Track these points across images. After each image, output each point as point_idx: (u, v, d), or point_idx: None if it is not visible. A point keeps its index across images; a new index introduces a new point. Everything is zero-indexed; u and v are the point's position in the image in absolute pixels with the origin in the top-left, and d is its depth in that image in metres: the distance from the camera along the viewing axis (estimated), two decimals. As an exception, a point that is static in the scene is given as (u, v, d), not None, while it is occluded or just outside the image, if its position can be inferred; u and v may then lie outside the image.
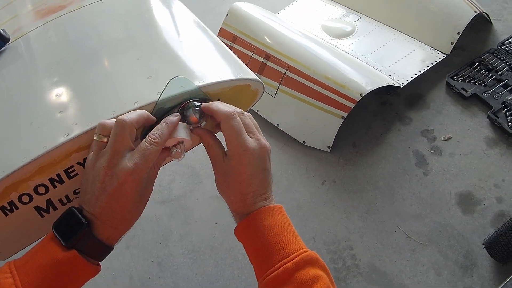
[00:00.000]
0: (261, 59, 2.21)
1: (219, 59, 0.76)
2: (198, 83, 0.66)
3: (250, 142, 0.64)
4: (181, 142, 0.63)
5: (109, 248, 0.61)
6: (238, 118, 0.64)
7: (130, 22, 0.91)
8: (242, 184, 0.66)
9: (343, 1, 2.67)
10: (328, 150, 2.03)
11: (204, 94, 0.66)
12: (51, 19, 0.98)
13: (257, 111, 2.21)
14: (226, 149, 0.67)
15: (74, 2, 1.03)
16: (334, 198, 1.88)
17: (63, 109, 0.67)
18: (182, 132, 0.62)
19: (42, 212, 0.66)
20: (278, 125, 2.15)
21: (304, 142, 2.08)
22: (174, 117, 0.63)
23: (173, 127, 0.62)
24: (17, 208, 0.62)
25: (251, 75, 0.74)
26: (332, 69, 2.00)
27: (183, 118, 0.65)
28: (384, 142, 2.03)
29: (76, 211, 0.56)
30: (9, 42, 0.96)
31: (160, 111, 0.64)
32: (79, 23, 0.95)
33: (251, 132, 0.65)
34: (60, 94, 0.71)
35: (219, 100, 0.68)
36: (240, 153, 0.64)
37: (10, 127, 0.68)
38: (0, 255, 0.68)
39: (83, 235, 0.56)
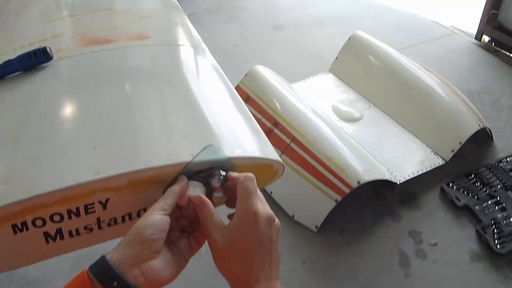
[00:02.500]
0: (269, 125, 2.33)
1: (249, 133, 0.84)
2: (228, 154, 0.71)
3: (261, 208, 0.66)
4: (190, 199, 0.68)
5: None
6: (255, 182, 0.68)
7: (172, 74, 0.99)
8: (246, 255, 0.64)
9: (356, 87, 2.86)
10: (315, 230, 2.09)
11: (231, 165, 0.73)
12: (97, 50, 1.05)
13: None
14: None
15: (120, 40, 1.11)
16: (312, 281, 1.91)
17: (98, 145, 0.72)
18: (192, 191, 0.68)
19: (49, 238, 0.69)
20: (271, 193, 2.22)
21: (293, 216, 2.14)
22: (178, 187, 0.67)
23: (177, 197, 0.67)
24: (27, 229, 0.66)
25: (276, 156, 0.81)
26: (335, 151, 2.11)
27: (205, 183, 0.71)
28: (371, 234, 2.09)
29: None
30: (51, 60, 1.00)
31: (187, 172, 0.70)
32: (123, 63, 1.03)
33: (261, 201, 0.68)
34: (96, 129, 0.76)
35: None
36: (249, 218, 0.64)
37: (42, 149, 0.72)
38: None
39: None
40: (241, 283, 0.64)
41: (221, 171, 0.70)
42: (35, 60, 0.99)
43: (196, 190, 0.69)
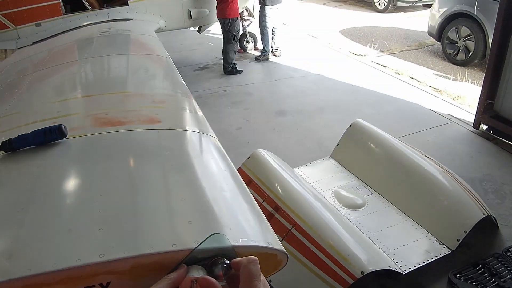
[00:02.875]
0: (270, 209, 2.32)
1: (254, 222, 0.85)
2: (233, 243, 0.72)
3: None
4: (194, 282, 0.67)
5: None
6: (259, 266, 0.68)
7: (181, 159, 1.02)
8: None
9: (358, 173, 2.89)
10: (317, 323, 1.99)
11: (235, 253, 0.73)
12: (110, 131, 1.10)
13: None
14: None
15: (132, 122, 1.17)
16: None
17: (104, 226, 0.73)
18: (195, 273, 0.67)
19: (46, 319, 0.70)
20: (270, 281, 2.14)
21: (293, 305, 2.05)
22: (174, 275, 0.66)
23: (174, 285, 0.65)
24: None
25: (280, 246, 0.82)
26: (338, 239, 2.08)
27: (209, 271, 0.70)
28: (377, 328, 1.98)
29: None
30: (66, 138, 1.04)
31: (192, 259, 0.70)
32: (134, 145, 1.07)
33: (264, 285, 0.67)
34: (103, 210, 0.77)
35: None
36: None
37: (48, 226, 0.73)
38: None
39: None
40: None
41: (225, 259, 0.70)
42: (50, 136, 1.03)
43: (199, 273, 0.69)
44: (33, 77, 1.79)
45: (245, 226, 0.81)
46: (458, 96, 4.64)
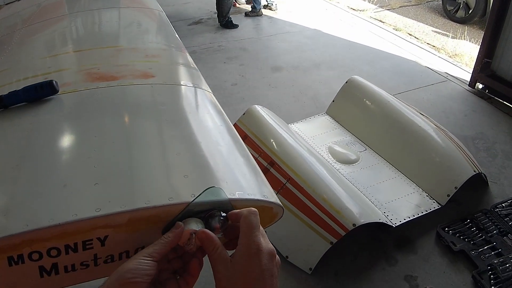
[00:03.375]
0: (265, 164, 2.34)
1: (249, 175, 0.85)
2: (229, 196, 0.72)
3: (263, 242, 0.66)
4: (192, 234, 0.69)
5: None
6: (258, 217, 0.69)
7: (175, 113, 1.01)
8: (249, 286, 0.64)
9: (352, 130, 2.90)
10: (309, 272, 2.06)
11: (232, 206, 0.72)
12: (102, 86, 1.08)
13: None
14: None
15: (125, 77, 1.14)
16: (305, 324, 1.87)
17: (100, 181, 0.71)
18: (193, 226, 0.69)
19: (44, 272, 0.68)
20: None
21: (287, 257, 2.12)
22: (171, 235, 0.67)
23: (169, 246, 0.67)
24: (23, 262, 0.65)
25: (276, 199, 0.82)
26: (331, 193, 2.12)
27: (206, 224, 0.71)
28: (367, 278, 2.07)
29: None
30: (57, 93, 1.02)
31: (188, 212, 0.71)
32: (127, 100, 1.05)
33: (263, 236, 0.69)
34: (98, 165, 0.77)
35: None
36: (252, 252, 0.65)
37: (43, 182, 0.73)
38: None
39: None
40: None
41: (221, 212, 0.71)
42: (41, 92, 1.00)
43: (198, 226, 0.69)
44: (22, 33, 1.73)
45: (241, 180, 0.81)
46: (456, 54, 4.59)
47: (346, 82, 3.06)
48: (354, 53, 4.51)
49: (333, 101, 3.11)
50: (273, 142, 2.43)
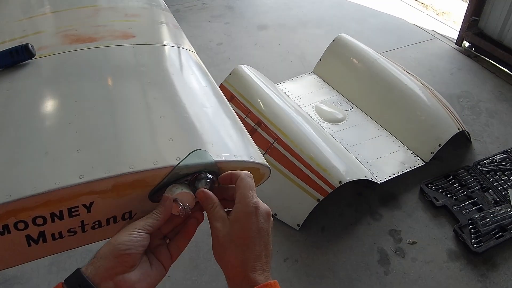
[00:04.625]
0: (252, 124, 2.33)
1: (236, 136, 0.82)
2: (215, 158, 0.71)
3: (259, 202, 0.68)
4: (175, 200, 0.68)
5: None
6: (253, 179, 0.71)
7: (158, 75, 0.97)
8: (245, 244, 0.65)
9: (339, 89, 2.88)
10: (297, 229, 2.10)
11: (218, 169, 0.71)
12: (81, 48, 1.02)
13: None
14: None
15: (104, 38, 1.09)
16: (293, 278, 1.93)
17: (81, 148, 0.69)
18: (179, 190, 0.68)
19: (31, 241, 0.67)
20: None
21: (275, 214, 2.15)
22: (162, 211, 0.67)
23: (161, 222, 0.67)
24: (9, 232, 0.64)
25: (263, 160, 0.81)
26: (318, 151, 2.13)
27: (193, 187, 0.70)
28: (352, 233, 2.12)
29: None
30: (33, 57, 0.97)
31: (174, 175, 0.68)
32: (108, 62, 1.00)
33: (257, 197, 0.70)
34: (80, 131, 0.74)
35: None
36: (248, 211, 0.66)
37: (24, 151, 0.70)
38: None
39: None
40: (237, 272, 0.65)
41: (207, 174, 0.70)
42: (17, 57, 0.95)
43: (183, 190, 0.68)
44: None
45: (227, 142, 0.79)
46: (444, 11, 4.51)
47: (334, 40, 3.01)
48: (341, 11, 4.40)
49: (320, 59, 3.07)
50: (260, 102, 2.40)
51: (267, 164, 0.80)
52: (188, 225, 0.72)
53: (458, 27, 3.72)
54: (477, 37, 3.50)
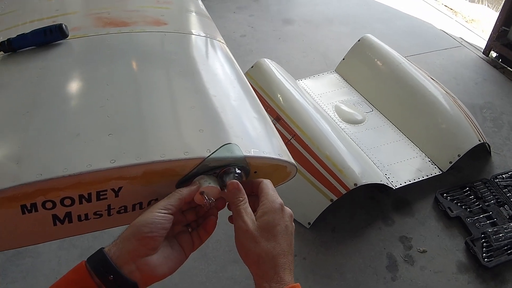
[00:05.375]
0: (271, 119, 2.31)
1: (265, 134, 0.82)
2: (245, 153, 0.71)
3: (283, 202, 0.69)
4: (202, 193, 0.68)
5: None
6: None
7: (189, 64, 0.97)
8: (275, 238, 0.65)
9: (360, 90, 2.85)
10: (308, 227, 2.11)
11: (247, 164, 0.72)
12: (113, 32, 1.02)
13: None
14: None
15: (136, 23, 1.09)
16: (299, 276, 1.93)
17: (113, 132, 0.69)
18: (208, 183, 0.68)
19: (57, 221, 0.68)
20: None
21: (287, 211, 2.15)
22: (186, 191, 0.66)
23: (183, 201, 0.67)
24: (36, 210, 0.65)
25: (290, 159, 0.80)
26: (335, 151, 2.12)
27: (221, 180, 0.71)
28: (362, 236, 2.11)
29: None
30: (67, 38, 0.97)
31: (203, 167, 0.69)
32: (140, 48, 1.00)
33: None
34: (111, 115, 0.74)
35: (256, 172, 0.76)
36: (277, 208, 0.67)
37: (55, 130, 0.70)
38: (-3, 246, 0.72)
39: None
40: (267, 268, 0.64)
41: (236, 169, 0.70)
42: (50, 36, 0.96)
43: (211, 183, 0.69)
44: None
45: (255, 137, 0.79)
46: (473, 19, 4.42)
47: (359, 40, 2.98)
48: (368, 10, 4.34)
49: (343, 59, 3.04)
50: (280, 97, 2.40)
51: (294, 162, 0.80)
52: (209, 220, 0.72)
53: (487, 36, 3.64)
54: (505, 48, 3.42)
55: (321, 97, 2.80)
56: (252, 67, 2.61)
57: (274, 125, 2.26)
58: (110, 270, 0.59)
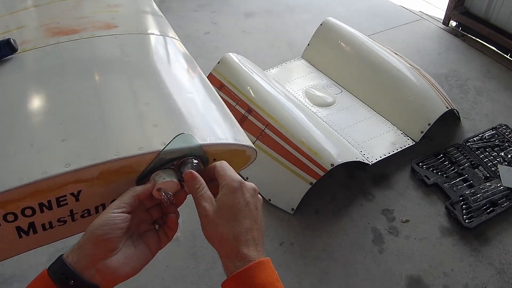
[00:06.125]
0: (243, 111, 2.33)
1: (221, 120, 0.82)
2: (200, 142, 0.71)
3: (243, 179, 0.69)
4: (159, 189, 0.68)
5: None
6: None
7: (142, 63, 0.96)
8: (235, 217, 0.65)
9: (328, 73, 2.88)
10: (292, 212, 2.12)
11: (204, 152, 0.71)
12: (62, 41, 1.01)
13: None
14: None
15: (86, 29, 1.07)
16: (289, 261, 1.95)
17: (66, 138, 0.69)
18: (167, 178, 0.68)
19: (22, 233, 0.67)
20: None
21: (269, 200, 2.16)
22: (140, 188, 0.66)
23: (138, 198, 0.66)
24: None
25: (248, 142, 0.80)
26: (309, 136, 2.14)
27: (179, 172, 0.71)
28: (346, 214, 2.14)
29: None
30: (16, 52, 0.96)
31: (160, 160, 0.68)
32: (91, 53, 1.00)
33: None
34: (64, 121, 0.73)
35: (214, 159, 0.75)
36: (235, 186, 0.66)
37: (8, 143, 0.69)
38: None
39: None
40: (229, 247, 0.64)
41: (193, 159, 0.70)
42: None
43: (166, 178, 0.68)
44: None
45: (212, 126, 0.79)
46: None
47: (321, 24, 3.00)
48: (328, -5, 4.37)
49: (308, 44, 3.06)
50: (250, 89, 2.40)
51: (253, 145, 0.80)
52: (169, 218, 0.72)
53: (445, 7, 3.71)
54: (463, 16, 3.49)
55: (291, 84, 2.81)
56: (218, 62, 2.60)
57: (246, 117, 2.29)
58: (70, 275, 0.58)
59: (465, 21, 3.50)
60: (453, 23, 3.65)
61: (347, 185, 2.29)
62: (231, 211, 0.66)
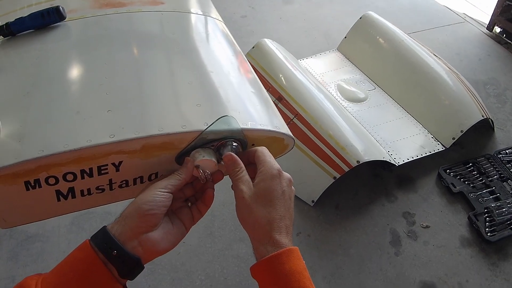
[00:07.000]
0: (273, 99, 2.32)
1: (262, 107, 0.83)
2: (242, 126, 0.72)
3: (281, 169, 0.70)
4: (197, 166, 0.70)
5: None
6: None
7: (186, 42, 0.97)
8: (271, 203, 0.67)
9: (363, 68, 2.83)
10: (312, 204, 2.12)
11: (244, 136, 0.72)
12: (110, 13, 1.02)
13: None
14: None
15: (133, 3, 1.08)
16: (304, 252, 1.94)
17: (112, 108, 0.70)
18: (204, 156, 0.70)
19: (60, 196, 0.70)
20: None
21: (291, 189, 2.16)
22: (185, 173, 0.68)
23: (183, 182, 0.69)
24: (40, 186, 0.66)
25: (288, 131, 0.81)
26: (337, 129, 2.12)
27: (218, 153, 0.72)
28: (366, 212, 2.13)
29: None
30: (64, 20, 0.98)
31: (201, 140, 0.70)
32: (137, 27, 1.01)
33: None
34: (110, 92, 0.74)
35: (253, 144, 0.77)
36: (273, 174, 0.68)
37: (56, 109, 0.71)
38: (4, 223, 0.74)
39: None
40: (264, 232, 0.66)
41: (233, 141, 0.71)
42: (48, 19, 0.96)
43: (205, 157, 0.70)
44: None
45: (252, 110, 0.80)
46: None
47: (360, 18, 2.94)
48: (370, -12, 4.28)
49: (345, 37, 3.01)
50: (282, 77, 2.39)
51: (291, 134, 0.81)
52: (207, 193, 0.74)
53: (490, 11, 3.58)
54: (509, 23, 3.37)
55: (323, 76, 2.78)
56: (253, 47, 2.60)
57: (276, 105, 2.28)
58: (113, 246, 0.61)
59: (510, 28, 3.38)
60: (497, 29, 3.53)
61: (370, 183, 2.27)
62: (268, 197, 0.67)
